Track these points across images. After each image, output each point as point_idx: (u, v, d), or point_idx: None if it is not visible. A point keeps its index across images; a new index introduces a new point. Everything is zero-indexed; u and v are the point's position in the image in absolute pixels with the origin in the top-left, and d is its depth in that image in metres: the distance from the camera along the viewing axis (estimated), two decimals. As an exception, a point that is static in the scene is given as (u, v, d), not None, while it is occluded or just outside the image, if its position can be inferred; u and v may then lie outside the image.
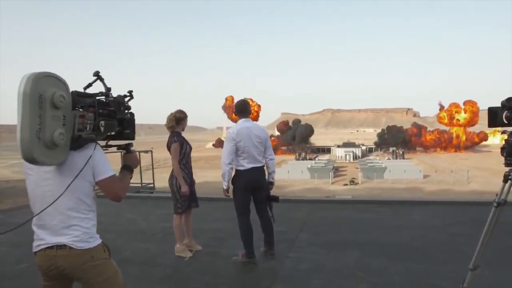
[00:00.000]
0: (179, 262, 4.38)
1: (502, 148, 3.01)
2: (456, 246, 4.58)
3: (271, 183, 4.34)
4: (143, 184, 10.16)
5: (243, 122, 4.15)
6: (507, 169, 3.02)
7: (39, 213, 1.88)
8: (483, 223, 5.38)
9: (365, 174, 27.81)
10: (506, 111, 2.95)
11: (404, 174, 26.66)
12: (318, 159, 37.38)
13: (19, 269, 4.36)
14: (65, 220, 1.89)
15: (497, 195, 3.04)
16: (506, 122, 2.97)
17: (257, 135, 4.11)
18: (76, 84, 1.87)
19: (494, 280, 3.58)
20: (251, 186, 4.15)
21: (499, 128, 3.08)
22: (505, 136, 3.03)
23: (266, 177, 4.32)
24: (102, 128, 1.86)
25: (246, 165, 4.09)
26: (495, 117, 3.04)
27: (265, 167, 4.28)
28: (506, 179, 3.00)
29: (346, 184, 26.12)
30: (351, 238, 5.05)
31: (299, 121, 75.63)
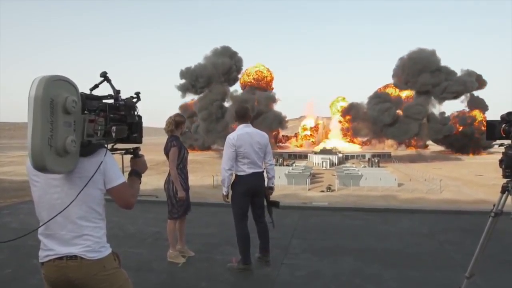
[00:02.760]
0: (174, 268, 4.32)
1: (501, 161, 3.11)
2: (447, 254, 4.71)
3: (271, 188, 4.35)
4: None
5: (243, 128, 4.15)
6: (505, 180, 3.12)
7: (47, 222, 1.79)
8: (469, 231, 5.60)
9: (342, 181, 28.09)
10: (504, 125, 3.07)
11: (380, 182, 27.14)
12: (295, 165, 37.59)
13: (4, 274, 4.19)
14: (76, 230, 1.82)
15: (494, 205, 3.14)
16: (503, 135, 3.09)
17: (257, 140, 4.12)
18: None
19: (486, 287, 3.69)
20: (252, 191, 4.15)
21: (497, 141, 3.20)
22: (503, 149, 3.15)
23: (266, 183, 4.32)
24: (113, 134, 1.79)
25: (246, 170, 4.09)
26: (493, 130, 3.16)
27: (264, 173, 4.29)
28: (504, 190, 3.10)
29: (323, 191, 26.28)
30: (344, 245, 5.11)
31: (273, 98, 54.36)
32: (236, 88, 59.84)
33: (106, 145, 1.86)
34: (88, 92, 1.84)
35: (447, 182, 26.47)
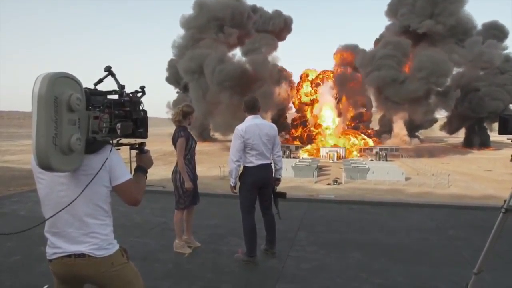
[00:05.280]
0: (180, 258, 4.33)
1: (514, 155, 3.05)
2: (455, 249, 4.66)
3: (278, 179, 4.33)
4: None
5: (252, 119, 4.12)
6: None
7: (50, 217, 1.79)
8: (477, 227, 5.54)
9: (348, 174, 27.98)
10: (518, 120, 3.00)
11: (387, 175, 26.99)
12: (303, 158, 37.54)
13: (12, 261, 4.24)
14: (83, 227, 1.82)
15: (505, 201, 3.08)
16: (517, 130, 3.03)
17: (266, 132, 4.10)
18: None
19: (494, 284, 3.65)
20: (259, 183, 4.13)
21: (510, 136, 3.14)
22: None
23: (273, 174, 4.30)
24: (118, 131, 1.77)
25: (254, 161, 4.07)
26: (506, 125, 3.10)
27: (272, 164, 4.27)
28: (516, 185, 3.04)
29: (329, 184, 26.22)
30: (350, 238, 5.09)
31: None
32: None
33: (111, 142, 1.85)
34: (92, 87, 1.82)
35: (455, 176, 26.25)
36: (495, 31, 45.53)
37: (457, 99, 41.72)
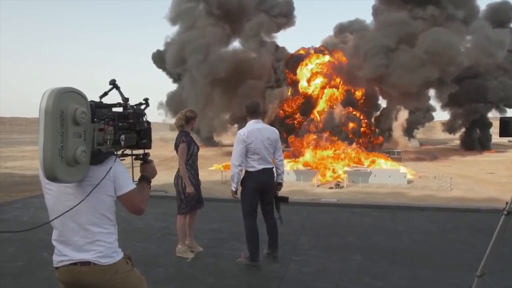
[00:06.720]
0: (182, 263, 4.34)
1: (514, 158, 3.04)
2: (456, 252, 4.65)
3: (280, 184, 4.33)
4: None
5: (253, 124, 4.13)
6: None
7: (49, 222, 1.83)
8: (479, 230, 5.54)
9: (350, 178, 27.85)
10: (519, 122, 3.02)
11: (389, 179, 26.90)
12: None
13: (15, 266, 4.25)
14: (88, 236, 1.86)
15: (507, 203, 3.08)
16: (518, 132, 3.04)
17: (268, 136, 4.11)
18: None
19: (497, 286, 3.65)
20: (261, 187, 4.14)
21: (510, 138, 3.15)
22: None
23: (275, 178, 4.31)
24: (122, 143, 1.82)
25: (257, 166, 4.08)
26: (506, 127, 3.12)
27: (274, 168, 4.28)
28: (517, 188, 3.04)
29: (331, 188, 26.08)
30: (352, 242, 5.08)
31: None
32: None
33: (116, 153, 1.90)
34: (97, 99, 1.87)
35: (457, 179, 26.12)
36: (501, 13, 42.28)
37: (456, 93, 38.47)
